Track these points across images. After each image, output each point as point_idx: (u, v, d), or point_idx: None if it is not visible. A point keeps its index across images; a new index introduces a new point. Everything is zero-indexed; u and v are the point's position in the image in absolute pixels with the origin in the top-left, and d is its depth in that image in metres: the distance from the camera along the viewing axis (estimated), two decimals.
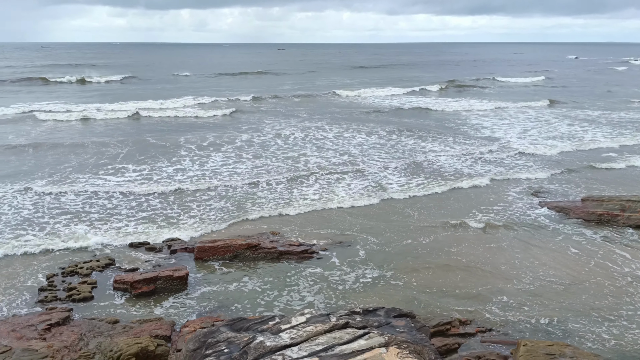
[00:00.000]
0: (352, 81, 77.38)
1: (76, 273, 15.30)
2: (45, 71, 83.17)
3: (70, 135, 34.58)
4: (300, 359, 8.00)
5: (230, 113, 45.08)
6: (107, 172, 25.53)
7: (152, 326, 12.27)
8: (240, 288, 14.72)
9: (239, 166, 27.20)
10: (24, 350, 10.67)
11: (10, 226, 18.48)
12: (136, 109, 45.61)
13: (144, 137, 34.03)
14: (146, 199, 21.79)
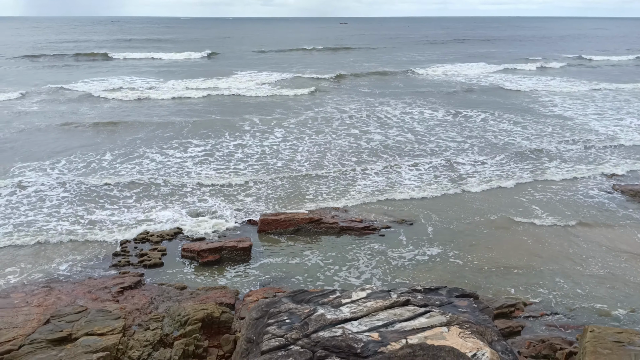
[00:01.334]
0: (427, 57, 73.47)
1: (147, 240, 16.01)
2: (118, 46, 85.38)
3: (142, 113, 35.63)
4: (360, 333, 8.11)
5: (310, 92, 42.98)
6: (172, 147, 26.34)
7: (217, 294, 12.72)
8: (301, 261, 14.98)
9: (315, 147, 27.27)
10: (98, 310, 11.33)
11: (88, 199, 19.49)
12: (215, 86, 44.67)
13: (226, 118, 33.27)
14: (212, 177, 22.40)
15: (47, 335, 10.22)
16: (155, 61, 62.73)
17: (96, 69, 53.93)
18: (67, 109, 33.99)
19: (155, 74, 50.05)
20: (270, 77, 49.86)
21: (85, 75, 48.18)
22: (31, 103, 35.63)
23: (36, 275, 13.89)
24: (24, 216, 17.48)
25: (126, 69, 54.32)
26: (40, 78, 45.31)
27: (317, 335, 8.19)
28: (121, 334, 10.43)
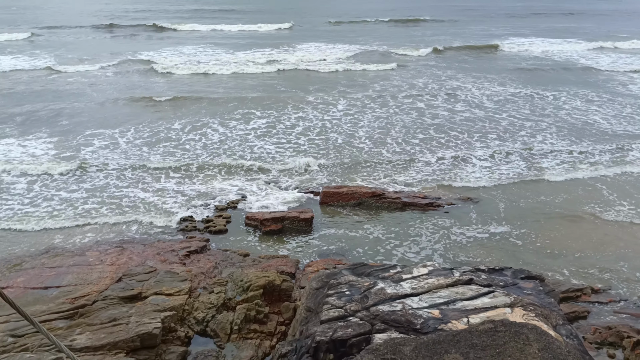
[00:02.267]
0: (506, 31, 68.40)
1: (213, 206, 16.48)
2: (194, 16, 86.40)
3: (208, 86, 36.18)
4: (420, 309, 8.08)
5: (391, 69, 40.06)
6: (235, 118, 26.75)
7: (278, 262, 12.99)
8: (361, 235, 15.02)
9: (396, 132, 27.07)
10: (166, 272, 11.83)
11: (155, 167, 20.21)
12: (284, 59, 42.97)
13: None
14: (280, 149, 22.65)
15: (119, 293, 10.78)
16: (225, 33, 62.52)
17: (167, 40, 54.91)
18: (138, 81, 35.02)
19: (225, 46, 50.15)
20: (341, 51, 47.68)
21: (156, 47, 49.06)
22: (105, 74, 36.91)
23: (110, 235, 14.61)
24: (97, 179, 18.35)
25: (196, 40, 54.96)
26: (114, 49, 46.58)
27: (377, 309, 8.23)
28: (187, 296, 10.87)
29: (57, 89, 31.49)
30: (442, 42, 52.69)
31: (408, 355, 6.80)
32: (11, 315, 10.25)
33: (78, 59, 40.89)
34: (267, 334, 10.52)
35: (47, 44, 49.26)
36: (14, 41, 50.77)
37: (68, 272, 11.96)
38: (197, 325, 10.48)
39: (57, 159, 20.12)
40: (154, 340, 9.49)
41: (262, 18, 75.70)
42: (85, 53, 43.75)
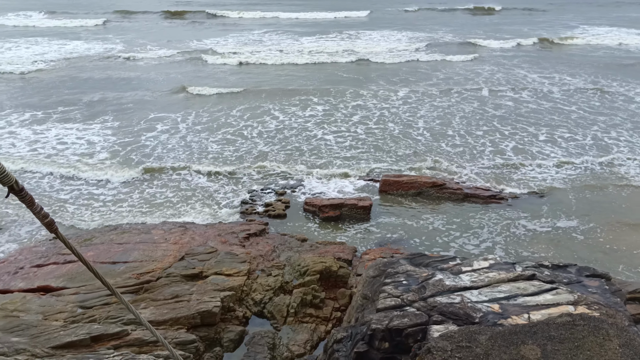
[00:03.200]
0: (593, 20, 63.63)
1: (273, 191, 16.71)
2: (256, 3, 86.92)
3: (268, 76, 36.38)
4: (480, 302, 7.93)
5: (471, 59, 37.77)
6: (293, 104, 26.87)
7: (335, 249, 13.04)
8: (420, 225, 14.86)
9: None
10: (227, 253, 12.10)
11: (214, 150, 20.64)
12: (349, 49, 41.90)
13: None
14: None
15: (182, 271, 11.13)
16: (299, 21, 61.96)
17: (227, 27, 55.68)
18: (200, 69, 35.68)
19: (296, 34, 49.97)
20: (415, 40, 46.52)
21: (216, 34, 49.73)
22: (172, 60, 37.82)
23: (173, 217, 15.11)
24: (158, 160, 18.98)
25: (268, 27, 55.24)
26: (182, 36, 47.30)
27: (434, 300, 8.14)
28: (246, 277, 11.10)
29: (123, 75, 32.56)
30: (517, 33, 50.43)
31: (484, 344, 6.72)
32: (81, 287, 10.79)
33: (146, 46, 42.10)
34: (323, 319, 10.62)
35: (118, 30, 51.01)
36: (87, 27, 52.83)
37: (134, 249, 12.45)
38: (254, 307, 10.70)
39: (117, 145, 20.88)
40: (214, 318, 9.76)
41: (341, 5, 74.43)
42: (153, 39, 45.00)
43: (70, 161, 18.91)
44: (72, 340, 8.77)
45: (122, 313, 9.71)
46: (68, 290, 10.64)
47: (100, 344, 8.87)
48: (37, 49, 40.42)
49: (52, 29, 50.86)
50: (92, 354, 8.55)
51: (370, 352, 7.79)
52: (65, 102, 26.05)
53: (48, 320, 9.52)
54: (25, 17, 58.83)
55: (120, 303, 9.61)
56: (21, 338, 8.91)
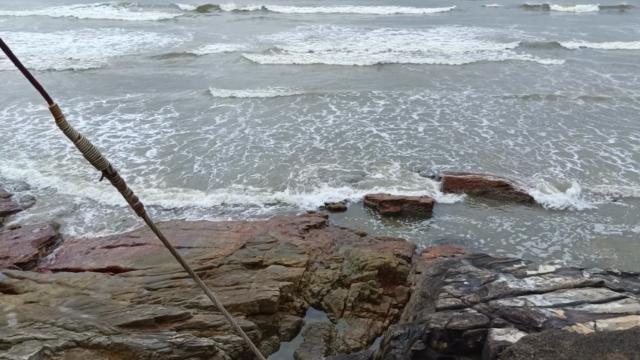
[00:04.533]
0: None
1: (334, 184, 16.75)
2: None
3: (305, 75, 36.22)
4: (544, 308, 7.67)
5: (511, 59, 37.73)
6: (351, 98, 26.73)
7: (395, 245, 12.95)
8: (484, 225, 14.52)
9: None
10: (286, 243, 12.26)
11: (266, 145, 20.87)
12: (430, 49, 41.35)
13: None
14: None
15: (243, 259, 11.37)
16: (378, 16, 60.67)
17: (290, 22, 55.96)
18: (260, 68, 36.01)
19: (370, 30, 49.32)
20: (485, 39, 44.22)
21: (283, 29, 50.08)
22: (239, 55, 38.49)
23: (235, 207, 15.42)
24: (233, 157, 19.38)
25: (343, 23, 55.17)
26: (254, 30, 47.76)
27: (496, 303, 7.94)
28: (304, 268, 11.20)
29: (188, 69, 33.36)
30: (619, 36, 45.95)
31: (568, 350, 6.52)
32: (147, 269, 11.21)
33: (213, 40, 43.02)
34: (380, 314, 10.58)
35: (189, 24, 52.38)
36: (161, 20, 54.51)
37: (198, 235, 12.81)
38: (312, 298, 10.79)
39: (173, 140, 21.43)
40: (272, 307, 9.92)
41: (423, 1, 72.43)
42: (220, 34, 45.90)
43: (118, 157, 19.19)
44: (138, 320, 9.13)
45: (185, 296, 10.03)
46: (135, 272, 11.08)
47: (163, 325, 9.19)
48: (111, 40, 42.21)
49: (125, 22, 52.84)
50: (155, 334, 8.88)
51: (427, 351, 7.70)
52: (129, 92, 26.99)
53: (116, 299, 9.95)
54: (104, 7, 61.57)
55: (188, 286, 9.85)
56: (90, 315, 9.36)
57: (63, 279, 10.72)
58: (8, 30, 45.47)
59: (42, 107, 23.48)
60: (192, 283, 10.64)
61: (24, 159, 18.24)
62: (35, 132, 20.91)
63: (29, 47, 38.52)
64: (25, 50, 37.17)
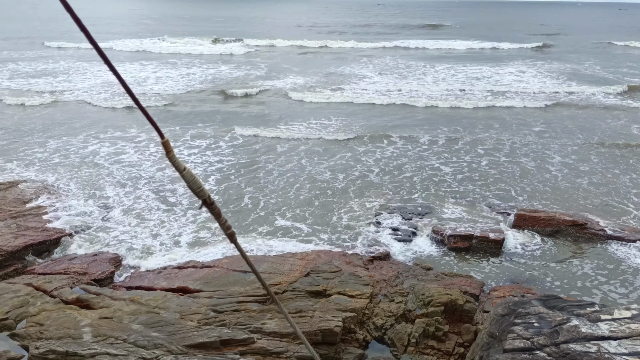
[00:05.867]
0: None
1: (400, 215, 16.64)
2: (400, 33, 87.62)
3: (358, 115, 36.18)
4: (619, 355, 7.26)
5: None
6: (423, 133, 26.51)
7: (462, 281, 12.65)
8: (556, 265, 13.95)
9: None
10: (350, 274, 12.25)
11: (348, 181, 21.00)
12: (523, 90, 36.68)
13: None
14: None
15: (307, 287, 11.45)
16: (455, 51, 60.17)
17: (360, 58, 56.47)
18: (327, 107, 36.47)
19: (429, 66, 49.50)
20: (558, 77, 41.80)
21: (348, 63, 50.56)
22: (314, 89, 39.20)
23: (299, 235, 15.58)
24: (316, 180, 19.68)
25: (393, 59, 55.64)
26: (318, 66, 48.58)
27: (568, 347, 7.60)
28: (368, 300, 11.14)
29: (256, 101, 34.34)
30: None
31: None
32: (214, 292, 11.50)
33: (285, 73, 44.16)
34: (445, 352, 10.33)
35: (262, 57, 54.11)
36: (239, 55, 56.65)
37: (264, 261, 13.03)
38: (375, 331, 10.69)
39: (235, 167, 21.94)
40: (334, 337, 9.90)
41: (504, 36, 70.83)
42: (292, 67, 47.06)
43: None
44: (204, 341, 9.37)
45: (249, 321, 10.20)
46: (203, 294, 11.39)
47: (228, 348, 9.37)
48: (188, 71, 44.29)
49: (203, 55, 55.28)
50: (220, 356, 9.07)
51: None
52: (200, 121, 28.09)
53: (184, 319, 10.26)
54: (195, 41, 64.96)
55: (253, 310, 10.03)
56: (160, 334, 9.69)
57: (136, 296, 11.17)
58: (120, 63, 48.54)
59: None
60: (257, 308, 10.81)
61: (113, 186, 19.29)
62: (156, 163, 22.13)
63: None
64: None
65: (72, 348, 9.11)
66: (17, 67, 45.12)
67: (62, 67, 45.50)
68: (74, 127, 26.44)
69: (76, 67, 45.62)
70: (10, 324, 10.38)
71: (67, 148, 22.81)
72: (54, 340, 9.58)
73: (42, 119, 28.08)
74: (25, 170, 19.87)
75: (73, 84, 37.67)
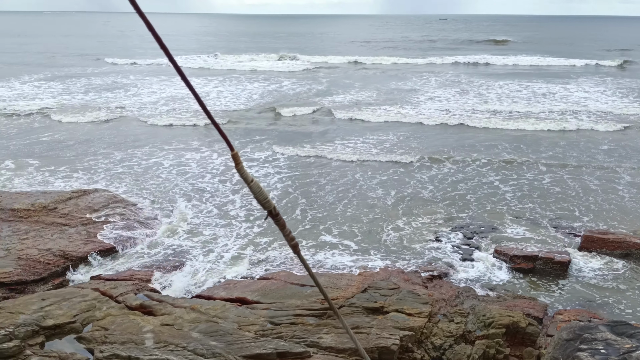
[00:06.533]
0: None
1: (461, 233, 16.31)
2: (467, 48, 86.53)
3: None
4: None
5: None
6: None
7: (525, 304, 12.24)
8: (625, 289, 13.27)
9: None
10: (409, 291, 12.07)
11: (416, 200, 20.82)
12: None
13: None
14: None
15: (364, 303, 11.37)
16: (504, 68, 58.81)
17: (435, 74, 55.99)
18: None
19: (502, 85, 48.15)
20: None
21: (418, 79, 50.26)
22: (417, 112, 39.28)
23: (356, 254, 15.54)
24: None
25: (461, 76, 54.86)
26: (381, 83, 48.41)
27: None
28: (427, 319, 10.93)
29: (315, 119, 34.62)
30: None
31: None
32: (272, 304, 11.60)
33: (346, 88, 44.42)
34: None
35: (320, 76, 54.66)
36: (296, 72, 57.58)
37: (321, 275, 13.06)
38: (433, 351, 10.47)
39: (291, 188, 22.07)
40: (391, 355, 9.76)
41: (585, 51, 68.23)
42: (353, 82, 47.21)
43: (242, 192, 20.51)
44: (261, 352, 9.45)
45: (305, 334, 10.22)
46: (261, 305, 11.51)
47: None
48: (253, 86, 45.33)
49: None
50: None
51: None
52: (258, 134, 28.58)
53: (242, 330, 10.39)
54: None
55: (309, 324, 10.07)
56: (218, 343, 9.85)
57: (196, 305, 11.42)
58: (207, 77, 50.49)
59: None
60: (313, 322, 10.82)
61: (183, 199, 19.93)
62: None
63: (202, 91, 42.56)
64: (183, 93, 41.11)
65: (134, 353, 9.39)
66: (89, 82, 47.59)
67: (126, 82, 47.65)
68: (139, 139, 27.54)
69: (141, 82, 47.69)
70: (77, 327, 10.82)
71: (130, 159, 23.77)
72: (118, 344, 9.91)
73: (108, 130, 29.40)
74: (93, 180, 20.83)
75: (138, 98, 39.38)
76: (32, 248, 14.16)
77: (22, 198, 17.28)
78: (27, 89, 43.22)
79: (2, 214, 16.10)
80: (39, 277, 13.20)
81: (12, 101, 37.43)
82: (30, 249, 14.09)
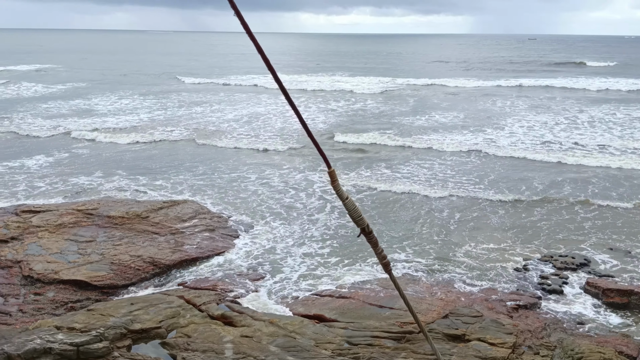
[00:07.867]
0: None
1: (551, 264, 15.54)
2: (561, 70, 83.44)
3: None
4: None
5: None
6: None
7: (617, 340, 11.45)
8: None
9: None
10: (492, 320, 11.64)
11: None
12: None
13: None
14: None
15: (444, 329, 11.08)
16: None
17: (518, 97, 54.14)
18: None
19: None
20: None
21: (511, 107, 48.29)
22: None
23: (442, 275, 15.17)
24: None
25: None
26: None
27: None
28: (511, 350, 10.48)
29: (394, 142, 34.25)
30: None
31: None
32: (349, 323, 11.55)
33: (433, 108, 43.84)
34: None
35: (410, 94, 54.42)
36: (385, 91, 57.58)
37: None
38: None
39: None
40: None
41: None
42: (440, 102, 46.53)
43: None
44: None
45: (383, 357, 10.08)
46: (338, 324, 11.49)
47: None
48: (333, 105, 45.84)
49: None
50: None
51: None
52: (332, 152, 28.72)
53: (319, 347, 10.41)
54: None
55: (387, 347, 9.92)
56: (295, 358, 9.91)
57: (274, 319, 11.57)
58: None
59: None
60: (392, 345, 10.65)
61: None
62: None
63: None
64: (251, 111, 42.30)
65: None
66: (181, 97, 50.03)
67: (211, 100, 49.67)
68: (224, 153, 28.56)
69: (225, 100, 49.66)
70: (162, 333, 11.26)
71: (213, 173, 24.65)
72: (199, 352, 10.21)
73: (189, 147, 30.59)
74: (181, 192, 21.76)
75: (222, 114, 41.00)
76: (125, 254, 14.94)
77: (118, 206, 18.32)
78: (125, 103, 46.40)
79: (99, 220, 17.14)
80: (129, 282, 13.90)
81: (114, 115, 40.17)
82: (123, 255, 14.87)
